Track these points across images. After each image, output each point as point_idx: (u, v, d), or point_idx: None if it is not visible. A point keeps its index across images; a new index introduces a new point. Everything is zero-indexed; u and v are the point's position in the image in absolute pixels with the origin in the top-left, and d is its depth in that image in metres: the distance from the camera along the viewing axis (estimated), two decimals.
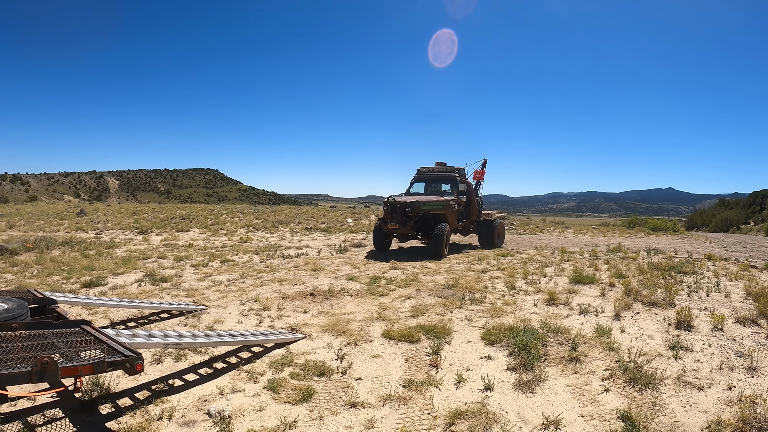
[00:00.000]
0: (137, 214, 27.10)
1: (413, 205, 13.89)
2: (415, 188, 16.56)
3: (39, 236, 16.41)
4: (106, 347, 4.12)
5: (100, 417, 4.29)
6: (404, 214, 13.91)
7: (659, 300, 7.52)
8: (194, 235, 18.83)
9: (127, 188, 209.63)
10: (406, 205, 13.91)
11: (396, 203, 14.00)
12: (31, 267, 11.11)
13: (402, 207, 13.95)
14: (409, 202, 13.92)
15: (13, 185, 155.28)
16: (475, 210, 16.32)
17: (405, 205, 13.93)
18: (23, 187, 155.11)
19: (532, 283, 9.19)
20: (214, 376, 5.13)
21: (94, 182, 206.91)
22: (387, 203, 14.28)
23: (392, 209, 14.09)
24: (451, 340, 6.09)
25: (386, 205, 14.31)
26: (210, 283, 9.66)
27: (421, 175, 16.76)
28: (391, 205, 14.13)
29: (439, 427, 4.05)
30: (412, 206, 13.88)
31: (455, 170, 16.24)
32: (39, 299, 5.57)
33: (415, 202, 13.94)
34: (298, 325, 6.83)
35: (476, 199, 16.51)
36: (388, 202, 14.22)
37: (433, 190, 16.30)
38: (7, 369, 3.35)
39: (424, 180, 16.65)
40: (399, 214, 13.86)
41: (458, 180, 15.84)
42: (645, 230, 20.99)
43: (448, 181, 16.15)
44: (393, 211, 14.06)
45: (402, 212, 13.92)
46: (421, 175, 16.75)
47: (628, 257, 12.21)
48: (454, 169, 16.28)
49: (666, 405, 4.40)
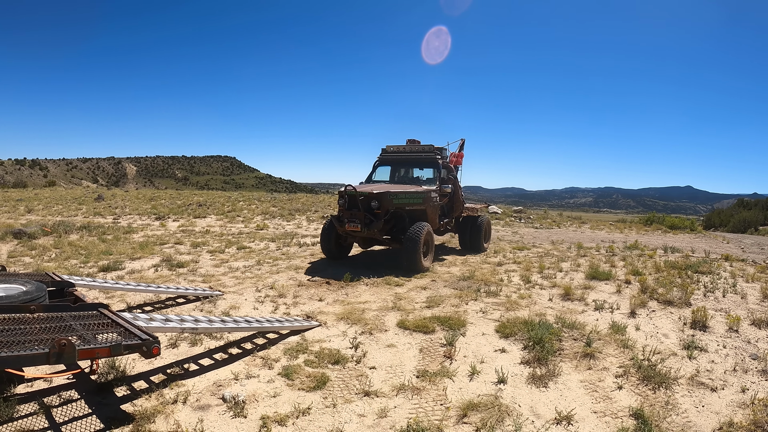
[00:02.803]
0: (155, 200, 27.28)
1: (383, 197, 9.96)
2: (379, 174, 12.69)
3: (57, 221, 16.54)
4: (123, 330, 4.16)
5: (116, 399, 4.34)
6: (369, 210, 10.07)
7: (675, 299, 7.47)
8: (211, 221, 18.91)
9: (145, 174, 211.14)
10: (373, 197, 9.98)
11: (357, 195, 9.99)
12: (49, 251, 11.24)
13: (366, 200, 10.06)
14: (376, 194, 9.94)
15: (32, 170, 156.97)
16: (459, 203, 12.81)
17: (370, 198, 10.01)
18: (42, 173, 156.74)
19: (548, 278, 9.17)
20: (229, 361, 5.18)
21: (112, 168, 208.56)
22: (344, 195, 10.31)
23: (351, 203, 10.26)
24: (465, 331, 6.11)
25: (343, 197, 10.36)
26: (226, 270, 9.75)
27: (387, 157, 12.68)
28: (351, 197, 10.21)
29: (451, 418, 4.05)
30: (381, 199, 9.95)
31: (436, 151, 12.23)
32: (57, 282, 5.64)
33: (385, 194, 10.00)
34: (314, 312, 6.89)
35: (459, 189, 12.88)
36: (346, 194, 10.23)
37: (403, 178, 12.70)
38: (25, 350, 3.39)
39: (392, 163, 12.79)
40: (362, 211, 9.99)
41: (441, 164, 12.05)
42: (662, 228, 20.79)
43: (427, 165, 12.46)
44: (353, 205, 10.21)
45: (366, 208, 10.07)
46: (388, 157, 12.67)
47: (645, 255, 12.12)
48: (435, 150, 12.25)
49: (679, 405, 4.37)
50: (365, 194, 10.01)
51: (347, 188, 10.14)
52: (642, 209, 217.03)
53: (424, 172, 12.73)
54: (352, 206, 10.22)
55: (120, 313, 4.58)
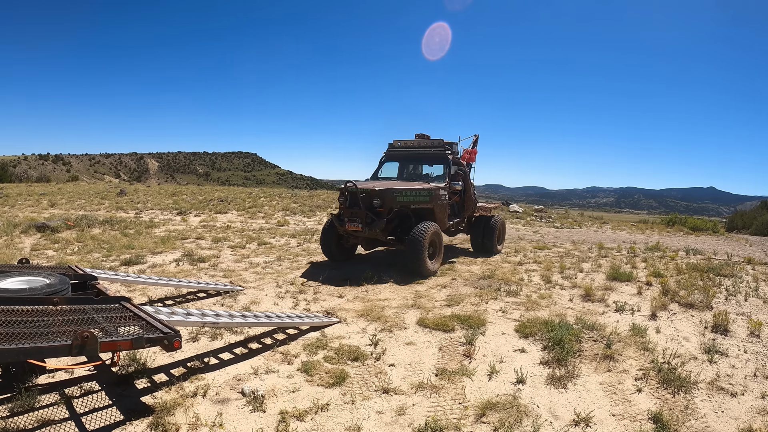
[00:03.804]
0: (176, 195, 27.51)
1: (385, 195, 9.24)
2: (386, 170, 12.02)
3: (80, 215, 16.73)
4: (144, 324, 4.20)
5: (136, 391, 4.40)
6: (371, 208, 9.41)
7: (696, 302, 7.38)
8: (232, 217, 19.01)
9: (167, 170, 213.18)
10: (375, 194, 9.30)
11: (358, 192, 9.34)
12: (72, 244, 11.40)
13: (368, 198, 9.38)
14: (378, 191, 9.26)
15: (56, 165, 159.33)
16: (471, 202, 12.06)
17: (372, 195, 9.34)
18: (65, 167, 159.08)
19: (569, 278, 9.10)
20: (249, 356, 5.23)
21: (135, 163, 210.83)
22: (345, 192, 9.62)
23: (352, 201, 9.54)
24: (485, 331, 6.09)
25: (343, 194, 9.67)
26: (247, 265, 9.82)
27: (394, 152, 12.05)
28: (351, 194, 9.53)
29: (470, 417, 4.05)
30: (384, 197, 9.24)
31: (446, 146, 11.47)
32: (80, 275, 5.71)
33: (388, 191, 9.27)
34: (334, 309, 6.92)
35: (471, 187, 12.10)
36: (347, 191, 9.56)
37: (411, 174, 11.95)
38: (48, 342, 3.44)
39: (400, 159, 12.10)
40: (363, 209, 9.30)
41: (451, 160, 11.28)
42: (684, 229, 20.52)
43: (436, 161, 11.73)
44: (354, 204, 9.51)
45: (368, 206, 9.40)
46: (395, 152, 12.04)
47: (667, 256, 11.98)
48: (444, 144, 11.48)
49: (698, 409, 4.33)
50: (367, 191, 9.34)
51: (347, 185, 9.52)
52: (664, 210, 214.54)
53: (433, 169, 11.92)
54: (353, 204, 9.51)
55: (142, 307, 4.63)
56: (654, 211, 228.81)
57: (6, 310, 3.96)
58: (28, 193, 27.57)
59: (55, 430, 3.73)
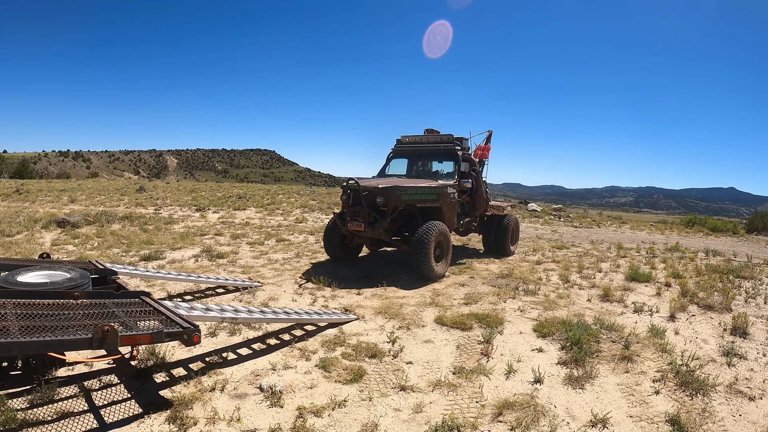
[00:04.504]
0: (195, 192, 27.70)
1: (389, 193, 8.76)
2: (393, 167, 11.50)
3: (100, 211, 16.95)
4: (164, 318, 4.25)
5: (155, 385, 4.44)
6: (374, 207, 8.93)
7: (715, 304, 7.30)
8: (251, 213, 19.11)
9: (186, 166, 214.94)
10: (378, 192, 8.81)
11: (361, 190, 8.91)
12: (92, 239, 11.55)
13: (370, 196, 8.91)
14: (381, 189, 8.77)
15: (76, 162, 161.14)
16: (482, 200, 11.41)
17: (375, 193, 8.85)
18: (85, 164, 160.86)
19: (587, 278, 9.05)
20: (267, 351, 5.26)
21: (154, 160, 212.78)
22: (347, 190, 9.26)
23: (355, 199, 9.11)
24: (503, 329, 6.09)
25: (345, 192, 9.32)
26: (265, 261, 9.88)
27: (402, 148, 11.41)
28: (354, 192, 9.12)
29: (487, 416, 4.05)
30: (388, 195, 8.75)
31: (455, 141, 10.82)
32: (100, 270, 5.77)
33: (392, 189, 8.79)
34: (352, 306, 6.94)
35: (483, 185, 11.47)
36: (349, 188, 9.18)
37: (420, 171, 11.46)
38: (69, 335, 3.48)
39: (408, 155, 11.50)
40: (365, 208, 8.84)
41: (461, 156, 10.71)
42: (704, 230, 20.29)
43: (445, 157, 11.12)
44: (356, 202, 9.06)
45: (371, 205, 8.93)
46: (403, 148, 11.40)
47: (686, 257, 11.86)
48: (454, 140, 10.83)
49: (716, 412, 4.28)
50: (369, 189, 8.87)
51: (350, 182, 9.10)
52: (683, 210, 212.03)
53: (443, 166, 11.42)
54: (355, 203, 9.05)
55: (162, 301, 4.68)
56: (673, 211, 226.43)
57: (27, 304, 4.01)
58: (48, 189, 27.93)
59: (74, 422, 3.78)
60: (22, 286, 4.56)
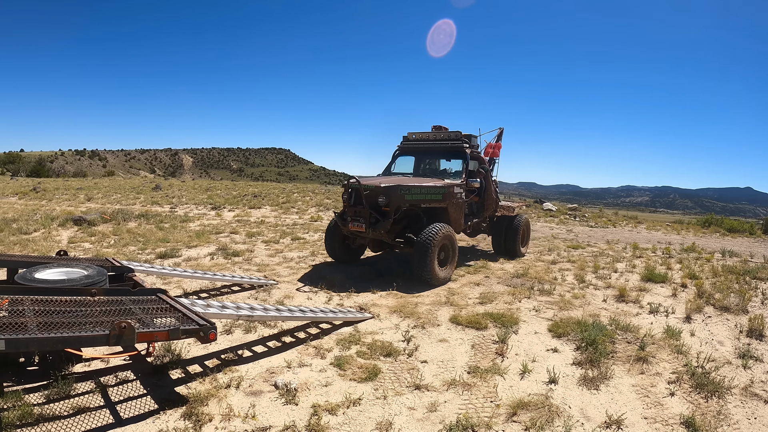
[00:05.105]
0: (210, 191, 27.87)
1: (391, 192, 8.30)
2: (399, 165, 10.95)
3: (116, 209, 17.11)
4: (180, 315, 4.29)
5: (170, 381, 4.49)
6: (376, 207, 8.47)
7: (732, 305, 7.22)
8: (266, 212, 19.17)
9: (201, 165, 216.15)
10: (379, 192, 8.34)
11: (362, 189, 8.52)
12: (108, 237, 11.66)
13: (372, 196, 8.45)
14: (383, 188, 8.30)
15: (92, 161, 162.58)
16: (492, 201, 11.04)
17: (377, 193, 8.38)
18: (101, 163, 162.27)
19: (603, 278, 9.00)
20: (282, 349, 5.30)
21: (169, 159, 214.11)
22: (348, 188, 8.88)
23: (356, 199, 8.71)
24: (518, 329, 6.08)
25: (347, 191, 8.91)
26: (281, 260, 9.93)
27: (408, 146, 10.91)
28: (355, 191, 8.73)
29: (501, 415, 4.05)
30: (390, 194, 8.30)
31: (464, 138, 10.35)
32: (117, 267, 5.83)
33: (394, 188, 8.33)
34: (367, 304, 6.97)
35: (493, 185, 11.13)
36: (350, 187, 8.80)
37: (428, 170, 10.87)
38: (86, 331, 3.53)
39: (415, 153, 10.98)
40: (367, 208, 8.43)
41: (469, 154, 10.16)
42: (720, 230, 20.06)
43: (453, 155, 10.67)
44: (357, 202, 8.67)
45: (372, 204, 8.48)
46: (410, 146, 10.90)
47: (702, 258, 11.75)
48: (462, 137, 10.36)
49: (731, 415, 4.25)
50: (371, 188, 8.42)
51: (350, 181, 8.73)
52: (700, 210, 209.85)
53: (452, 164, 10.97)
54: (357, 202, 8.64)
55: (178, 299, 4.72)
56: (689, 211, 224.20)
57: (45, 300, 4.07)
58: (65, 188, 28.24)
59: (90, 417, 3.82)
60: (39, 283, 4.62)
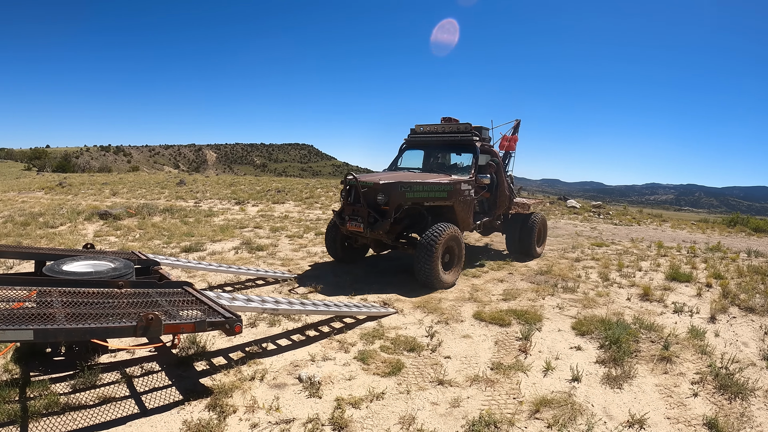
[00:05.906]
0: (234, 186, 28.05)
1: (391, 189, 7.70)
2: (407, 159, 10.28)
3: (141, 203, 17.30)
4: (206, 308, 4.34)
5: (195, 373, 4.56)
6: (374, 205, 7.90)
7: (757, 306, 7.14)
8: (289, 207, 19.25)
9: (225, 161, 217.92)
10: (378, 189, 7.80)
11: (361, 186, 7.90)
12: (134, 231, 11.82)
13: (371, 193, 7.92)
14: (382, 185, 7.72)
15: (117, 156, 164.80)
16: (505, 197, 10.28)
17: (375, 190, 7.84)
18: (126, 158, 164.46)
19: (627, 276, 8.94)
20: (306, 343, 5.35)
21: (193, 154, 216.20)
22: (346, 185, 8.24)
23: (354, 197, 8.10)
24: (541, 327, 6.08)
25: (345, 188, 8.28)
26: (305, 254, 9.99)
27: (416, 139, 10.20)
28: (353, 188, 8.12)
29: (524, 412, 4.05)
30: (389, 192, 7.71)
31: (474, 131, 9.56)
32: (143, 261, 5.90)
33: (394, 185, 7.71)
34: (390, 299, 7.00)
35: (506, 181, 10.34)
36: (348, 184, 8.16)
37: (437, 165, 10.15)
38: (114, 322, 3.59)
39: (423, 146, 10.27)
40: (365, 206, 7.82)
41: (479, 148, 9.46)
42: (746, 230, 19.74)
43: (462, 149, 9.95)
44: (356, 200, 8.06)
45: (371, 203, 7.92)
46: (417, 139, 10.18)
47: (728, 257, 11.59)
48: (472, 129, 9.58)
49: (754, 417, 4.20)
50: (369, 185, 7.87)
51: (349, 178, 8.07)
52: (725, 209, 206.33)
53: (463, 158, 10.15)
54: (354, 201, 8.05)
55: (204, 292, 4.78)
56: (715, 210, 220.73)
57: (73, 292, 4.14)
58: (90, 183, 28.66)
59: (115, 407, 3.90)
60: (67, 275, 4.70)
